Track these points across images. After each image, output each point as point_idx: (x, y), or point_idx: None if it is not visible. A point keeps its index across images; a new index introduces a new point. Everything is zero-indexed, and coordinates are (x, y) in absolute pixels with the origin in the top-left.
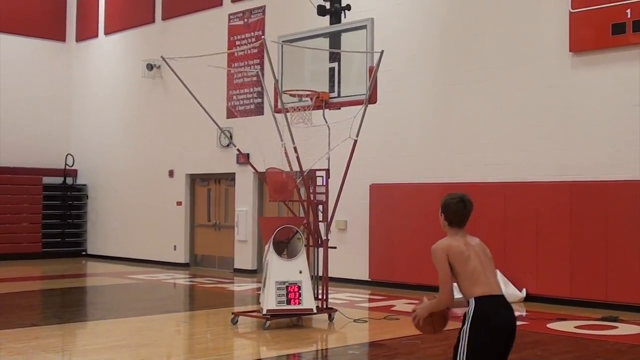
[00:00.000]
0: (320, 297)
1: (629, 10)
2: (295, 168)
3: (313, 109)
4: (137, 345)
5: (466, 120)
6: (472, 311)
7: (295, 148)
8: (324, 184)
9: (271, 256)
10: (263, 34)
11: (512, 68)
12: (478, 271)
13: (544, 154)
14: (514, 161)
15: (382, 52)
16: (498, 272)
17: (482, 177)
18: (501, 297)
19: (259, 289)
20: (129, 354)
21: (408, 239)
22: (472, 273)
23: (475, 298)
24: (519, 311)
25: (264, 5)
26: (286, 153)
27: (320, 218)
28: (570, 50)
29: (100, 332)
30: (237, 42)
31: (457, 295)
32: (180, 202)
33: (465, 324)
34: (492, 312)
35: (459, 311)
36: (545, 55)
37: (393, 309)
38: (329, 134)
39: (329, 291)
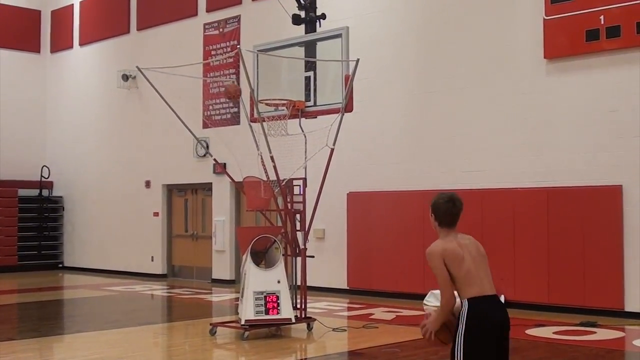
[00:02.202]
0: (298, 306)
1: (602, 17)
2: (272, 177)
3: (289, 118)
4: (115, 358)
5: (443, 128)
6: (465, 312)
7: (272, 157)
8: (301, 192)
9: (249, 266)
10: (238, 44)
11: (488, 75)
12: (472, 272)
13: (520, 160)
14: (491, 168)
15: (357, 61)
16: None
17: (459, 183)
18: (494, 297)
19: (237, 299)
20: None
21: (386, 246)
22: (466, 275)
23: (468, 299)
24: None
25: (239, 15)
26: (263, 162)
27: (298, 227)
28: (545, 57)
29: (78, 345)
30: (213, 52)
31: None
32: (157, 213)
33: (460, 326)
34: (485, 312)
35: None
36: (520, 62)
37: (372, 317)
38: (306, 142)
39: (308, 300)
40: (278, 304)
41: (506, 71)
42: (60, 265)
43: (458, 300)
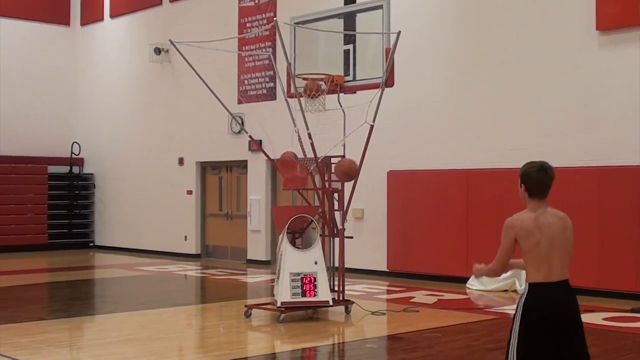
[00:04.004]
0: (336, 288)
1: None
2: (310, 155)
3: (327, 94)
4: (147, 339)
5: (488, 103)
6: (524, 298)
7: (309, 134)
8: None
9: (285, 246)
10: (275, 16)
11: (536, 48)
12: (543, 255)
13: (570, 138)
14: (538, 145)
15: (399, 33)
16: None
17: (504, 162)
18: (561, 284)
19: (272, 280)
20: (138, 348)
21: (428, 227)
22: (536, 257)
23: (530, 284)
24: None
25: None
26: (300, 139)
27: (336, 207)
28: (597, 29)
29: (109, 325)
30: (248, 25)
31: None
32: (191, 191)
33: (518, 311)
34: (544, 300)
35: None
36: (570, 34)
37: (412, 300)
38: (344, 119)
39: (346, 282)
40: (315, 286)
41: (556, 44)
42: (91, 244)
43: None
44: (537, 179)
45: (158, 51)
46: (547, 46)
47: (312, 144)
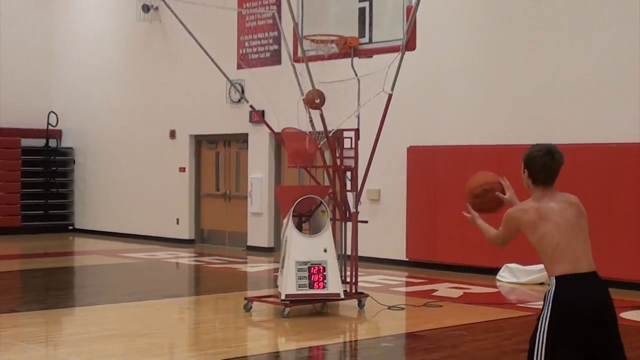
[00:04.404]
0: (348, 280)
1: None
2: (319, 128)
3: (340, 58)
4: (134, 335)
5: (525, 70)
6: (552, 294)
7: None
8: (353, 146)
9: (291, 232)
10: None
11: (581, 9)
12: (562, 246)
13: (618, 111)
14: (584, 119)
15: None
16: None
17: (544, 137)
18: (590, 276)
19: (276, 270)
20: (123, 345)
21: (453, 211)
22: (555, 248)
23: (556, 277)
24: None
25: None
26: (307, 110)
27: (349, 187)
28: None
29: (90, 319)
30: None
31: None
32: (184, 168)
33: (545, 309)
34: (575, 294)
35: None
36: None
37: (435, 294)
38: (359, 87)
39: (359, 273)
40: (324, 277)
41: (604, 4)
42: (70, 228)
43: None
44: (543, 164)
45: (146, 8)
46: (595, 6)
47: (321, 116)
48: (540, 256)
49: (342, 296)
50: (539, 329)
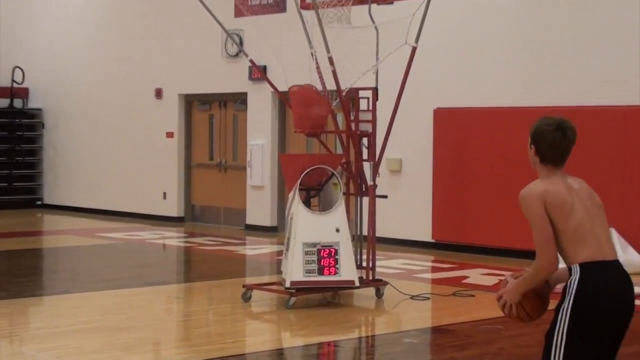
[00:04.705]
0: (364, 264)
1: None
2: (331, 86)
3: (354, 4)
4: (113, 329)
5: (572, 20)
6: (575, 282)
7: (330, 58)
8: (370, 108)
9: (297, 208)
10: None
11: None
12: (585, 227)
13: None
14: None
15: None
16: (612, 231)
17: (592, 99)
18: (616, 264)
19: (280, 253)
20: (100, 340)
21: (487, 185)
22: (577, 230)
23: (580, 265)
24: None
25: None
26: (317, 65)
27: (365, 156)
28: None
29: (62, 310)
30: None
31: (561, 264)
32: (172, 134)
33: (566, 301)
34: (603, 283)
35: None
36: None
37: (465, 281)
38: (378, 38)
39: (378, 257)
40: (336, 261)
41: None
42: (39, 203)
43: (562, 265)
44: (553, 141)
45: None
46: None
47: (334, 72)
48: (559, 239)
49: (357, 284)
50: (558, 324)
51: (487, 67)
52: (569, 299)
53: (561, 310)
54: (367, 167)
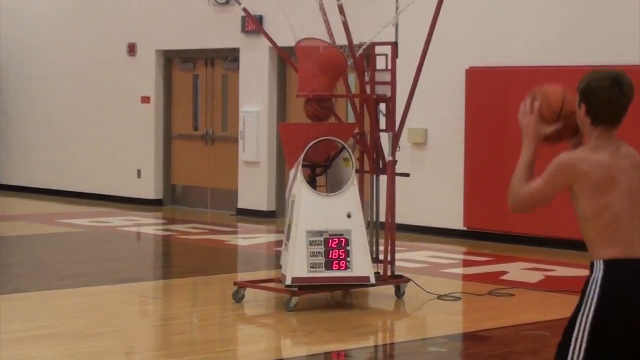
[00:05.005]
0: (381, 257)
1: None
2: (342, 41)
3: None
4: (75, 336)
5: None
6: (598, 282)
7: (340, 6)
8: (389, 67)
9: (300, 189)
10: None
11: None
12: (622, 219)
13: None
14: None
15: None
16: None
17: None
18: None
19: (279, 243)
20: (62, 349)
21: None
22: (612, 221)
23: (604, 261)
24: None
25: None
26: (325, 16)
27: (383, 125)
28: None
29: (13, 313)
30: None
31: None
32: (148, 98)
33: (587, 300)
34: (631, 284)
35: None
36: None
37: (504, 277)
38: None
39: (398, 248)
40: (347, 253)
41: None
42: None
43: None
44: (608, 99)
45: None
46: None
47: (344, 24)
48: (587, 225)
49: (373, 281)
50: (576, 328)
51: (528, 20)
52: (591, 301)
53: (581, 313)
54: (385, 138)
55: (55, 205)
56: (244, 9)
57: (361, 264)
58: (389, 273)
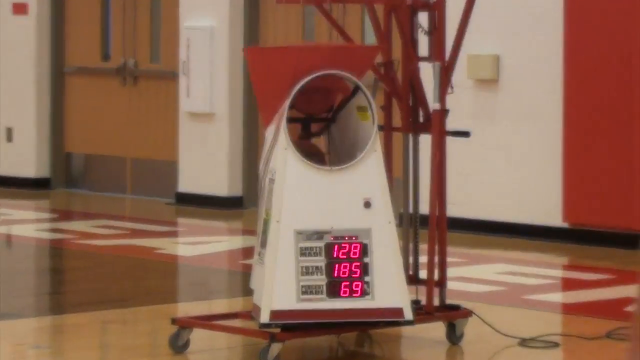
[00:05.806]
0: (424, 275)
1: None
2: None
3: None
4: None
5: None
6: None
7: None
8: None
9: (285, 159)
10: None
11: None
12: None
13: None
14: None
15: None
16: None
17: None
18: None
19: (247, 251)
20: None
21: None
22: None
23: None
24: None
25: None
26: None
27: (426, 51)
28: None
29: None
30: None
31: None
32: (24, 6)
33: None
34: None
35: None
36: None
37: (627, 309)
38: None
39: (450, 259)
40: (365, 270)
41: None
42: None
43: None
44: None
45: None
46: None
47: None
48: None
49: (410, 316)
50: None
51: None
52: None
53: None
54: (428, 72)
55: None
56: None
57: (388, 288)
58: (437, 302)
